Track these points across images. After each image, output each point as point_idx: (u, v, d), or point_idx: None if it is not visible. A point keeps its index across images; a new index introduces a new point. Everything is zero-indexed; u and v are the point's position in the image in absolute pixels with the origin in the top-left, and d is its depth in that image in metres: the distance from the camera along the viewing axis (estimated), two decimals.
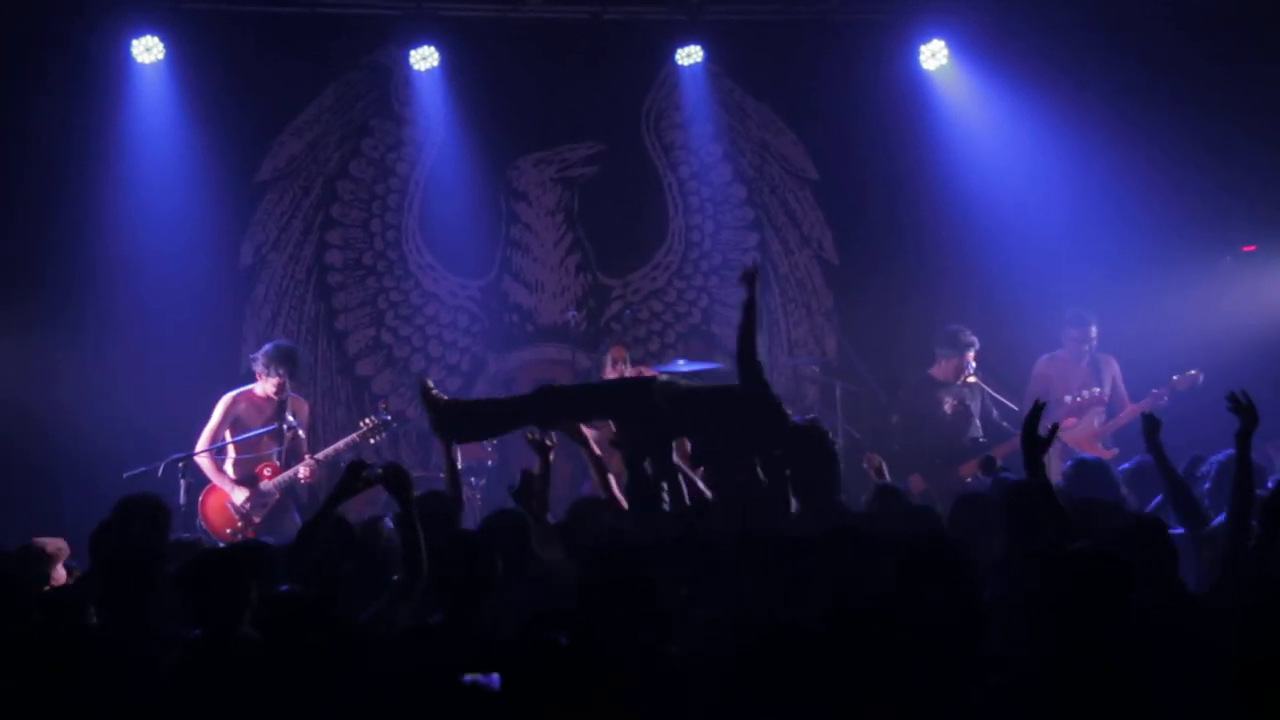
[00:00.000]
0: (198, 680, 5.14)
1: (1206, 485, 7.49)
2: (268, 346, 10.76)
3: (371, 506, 9.71)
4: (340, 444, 10.63)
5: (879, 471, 8.78)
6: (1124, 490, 7.75)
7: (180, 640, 5.41)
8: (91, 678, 4.99)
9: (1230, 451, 7.69)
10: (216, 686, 5.08)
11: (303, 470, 10.47)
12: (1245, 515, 6.35)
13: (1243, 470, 6.46)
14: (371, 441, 10.69)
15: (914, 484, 10.37)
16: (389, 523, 6.85)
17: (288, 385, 10.61)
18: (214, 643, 5.32)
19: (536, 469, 7.75)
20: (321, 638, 4.96)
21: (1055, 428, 6.19)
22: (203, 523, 10.33)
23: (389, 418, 10.80)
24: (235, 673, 5.11)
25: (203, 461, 10.43)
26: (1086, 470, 7.70)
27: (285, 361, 10.57)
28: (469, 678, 4.44)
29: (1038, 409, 6.05)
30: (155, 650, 5.34)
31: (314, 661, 4.92)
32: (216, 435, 10.50)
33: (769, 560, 5.72)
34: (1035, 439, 5.95)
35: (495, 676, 4.43)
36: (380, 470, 6.29)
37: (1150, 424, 7.26)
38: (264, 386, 10.60)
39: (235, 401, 10.60)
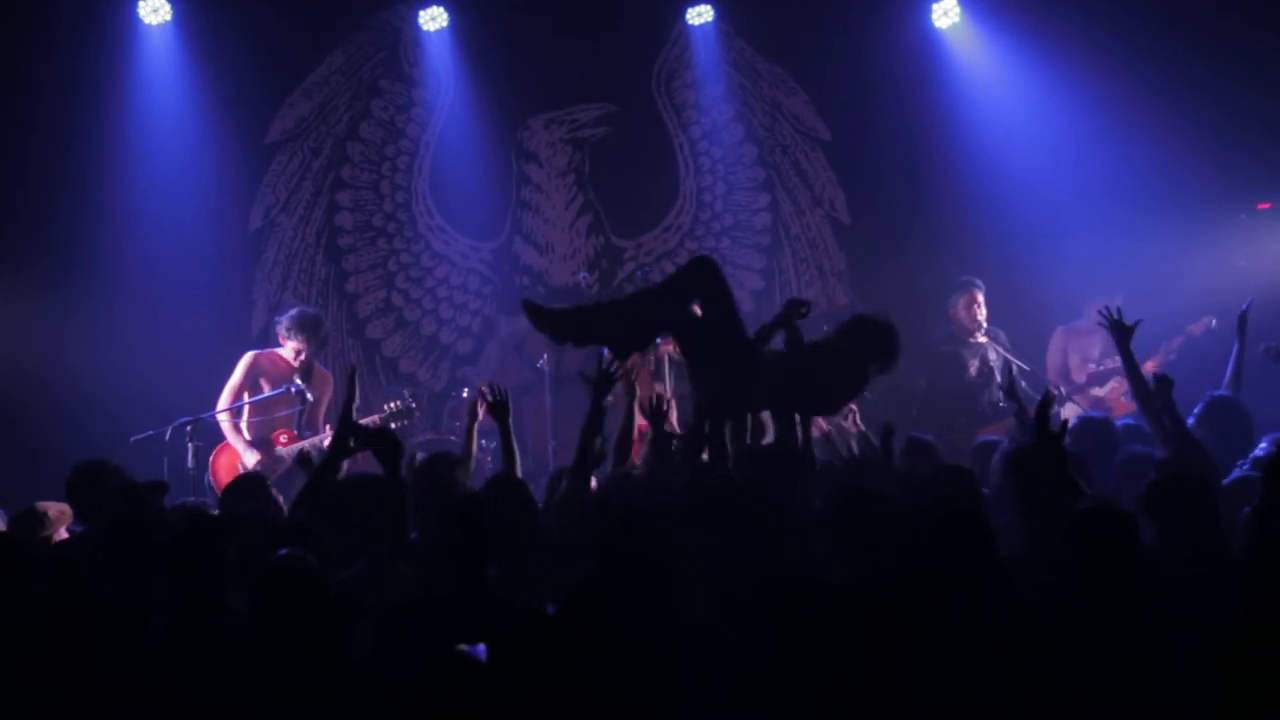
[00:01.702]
0: (179, 646, 5.11)
1: (1190, 421, 7.58)
2: (292, 311, 10.78)
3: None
4: (362, 422, 10.58)
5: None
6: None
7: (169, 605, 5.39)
8: (78, 638, 4.97)
9: (1217, 392, 7.84)
10: (198, 652, 5.05)
11: (324, 440, 10.44)
12: (1156, 417, 7.29)
13: (1134, 374, 7.56)
14: (393, 425, 10.58)
15: None
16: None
17: (306, 352, 10.59)
18: (194, 608, 5.29)
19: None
20: (314, 603, 4.92)
21: (1065, 424, 6.42)
22: (212, 480, 10.30)
23: (414, 404, 10.73)
24: (216, 639, 5.09)
25: (222, 419, 10.43)
26: (1091, 428, 7.73)
27: (304, 328, 10.56)
28: (458, 649, 4.38)
29: (1047, 404, 6.10)
30: (148, 615, 5.30)
31: (306, 627, 4.88)
32: (238, 392, 10.44)
33: (794, 523, 5.70)
34: (1048, 434, 5.98)
35: (481, 647, 4.37)
36: (370, 433, 6.27)
37: (1162, 384, 7.34)
38: (286, 351, 10.61)
39: (257, 359, 10.58)
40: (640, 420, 7.81)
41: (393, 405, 10.64)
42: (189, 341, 11.75)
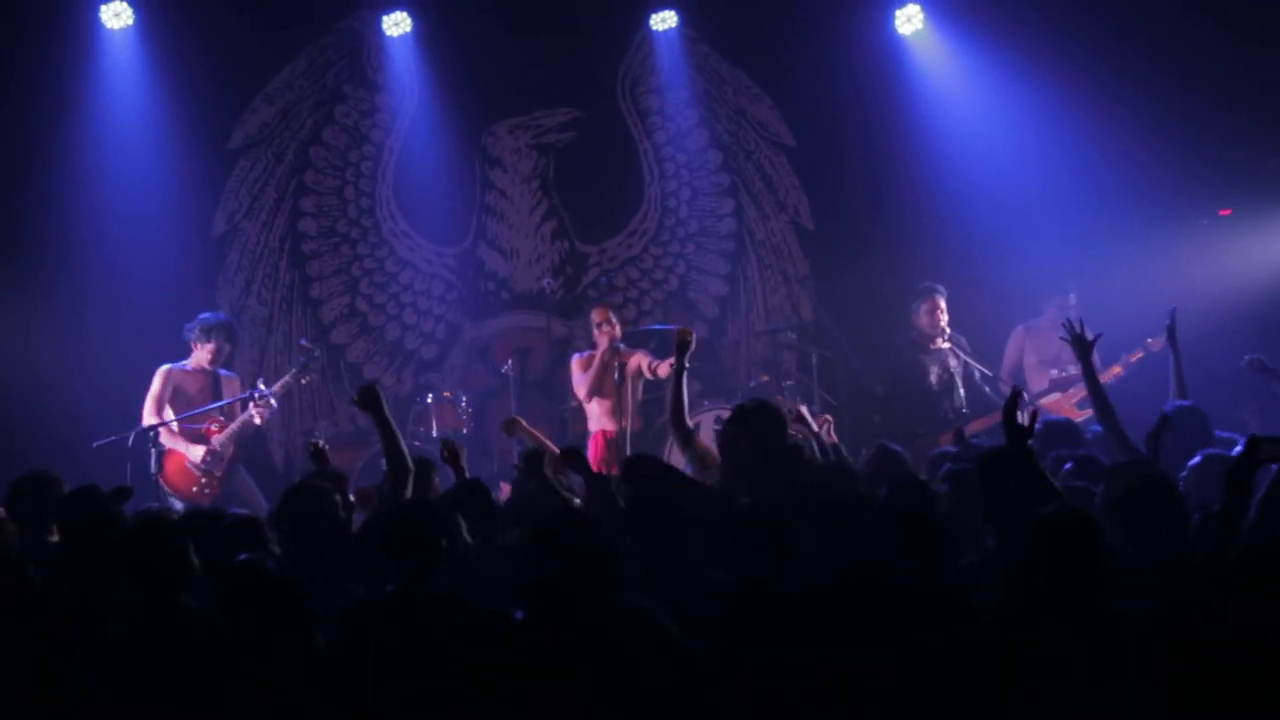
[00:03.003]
0: (133, 649, 5.09)
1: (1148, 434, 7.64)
2: (203, 316, 10.85)
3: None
4: (276, 387, 10.80)
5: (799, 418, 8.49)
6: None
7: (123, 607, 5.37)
8: (25, 638, 4.94)
9: (1178, 402, 7.89)
10: (153, 656, 5.03)
11: (254, 411, 10.58)
12: (1116, 427, 7.37)
13: (1094, 386, 7.64)
14: (304, 381, 11.09)
15: None
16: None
17: (223, 355, 10.75)
18: (152, 611, 5.28)
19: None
20: (279, 608, 4.90)
21: (1035, 414, 6.30)
22: (166, 488, 10.29)
23: (312, 349, 11.41)
24: (175, 640, 5.07)
25: (157, 429, 10.49)
26: (1053, 431, 7.75)
27: (219, 332, 10.71)
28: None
29: (1015, 397, 6.10)
30: (101, 616, 5.27)
31: (268, 632, 4.85)
32: (160, 402, 10.54)
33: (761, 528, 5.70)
34: (1017, 427, 5.99)
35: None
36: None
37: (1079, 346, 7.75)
38: (197, 357, 10.70)
39: (171, 373, 10.67)
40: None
41: (298, 363, 11.18)
42: (152, 346, 11.63)
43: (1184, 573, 5.34)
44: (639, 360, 10.87)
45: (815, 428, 8.15)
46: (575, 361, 11.02)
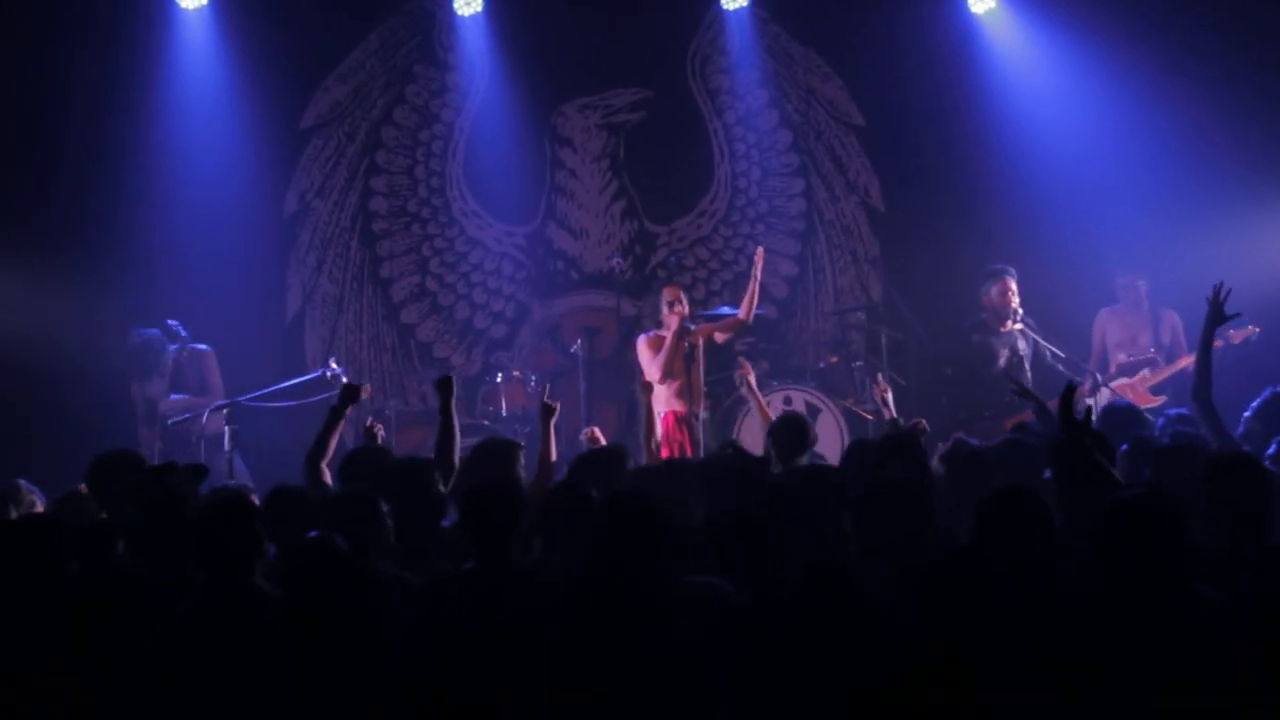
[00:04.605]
0: (204, 629, 5.12)
1: (1246, 414, 7.60)
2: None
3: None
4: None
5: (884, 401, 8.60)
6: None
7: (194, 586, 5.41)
8: (109, 616, 4.98)
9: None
10: (224, 636, 5.06)
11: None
12: (1211, 409, 7.24)
13: (1204, 365, 7.40)
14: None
15: None
16: None
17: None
18: (220, 591, 5.31)
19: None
20: (345, 588, 4.92)
21: (1089, 410, 6.30)
22: None
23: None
24: (244, 623, 5.09)
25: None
26: (1117, 415, 7.69)
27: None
28: None
29: (1070, 393, 6.08)
30: (176, 595, 5.31)
31: (335, 612, 4.86)
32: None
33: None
34: (1073, 423, 5.95)
35: None
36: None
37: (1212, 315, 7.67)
38: None
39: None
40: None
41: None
42: (224, 325, 11.80)
43: (1263, 557, 5.30)
44: (705, 331, 10.87)
45: (887, 413, 8.32)
46: (643, 342, 10.93)
